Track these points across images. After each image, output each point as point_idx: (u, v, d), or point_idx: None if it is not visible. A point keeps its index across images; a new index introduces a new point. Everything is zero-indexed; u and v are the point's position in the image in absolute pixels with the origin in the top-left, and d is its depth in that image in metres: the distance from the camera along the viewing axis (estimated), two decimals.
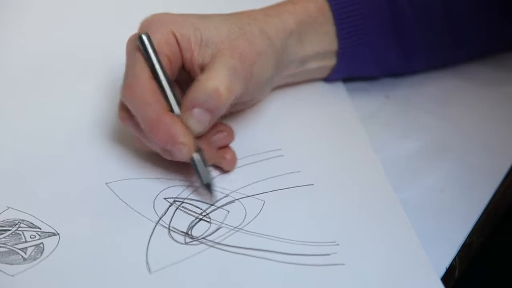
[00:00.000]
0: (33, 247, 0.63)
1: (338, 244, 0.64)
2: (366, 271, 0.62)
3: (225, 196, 0.67)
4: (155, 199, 0.67)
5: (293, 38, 0.73)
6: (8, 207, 0.66)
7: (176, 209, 0.66)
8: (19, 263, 0.62)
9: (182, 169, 0.69)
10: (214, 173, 0.69)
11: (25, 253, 0.62)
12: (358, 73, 0.79)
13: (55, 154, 0.71)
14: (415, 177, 0.71)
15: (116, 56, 0.73)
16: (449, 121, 0.77)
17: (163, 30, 0.67)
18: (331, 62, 0.77)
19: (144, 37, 0.65)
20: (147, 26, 0.67)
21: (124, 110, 0.67)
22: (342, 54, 0.76)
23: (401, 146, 0.74)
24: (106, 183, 0.68)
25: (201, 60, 0.67)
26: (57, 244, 0.63)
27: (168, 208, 0.66)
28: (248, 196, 0.68)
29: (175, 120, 0.65)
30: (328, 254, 0.63)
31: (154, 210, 0.66)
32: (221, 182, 0.68)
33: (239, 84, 0.66)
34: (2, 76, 0.79)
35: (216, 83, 0.65)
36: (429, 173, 0.71)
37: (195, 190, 0.68)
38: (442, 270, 0.63)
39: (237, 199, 0.67)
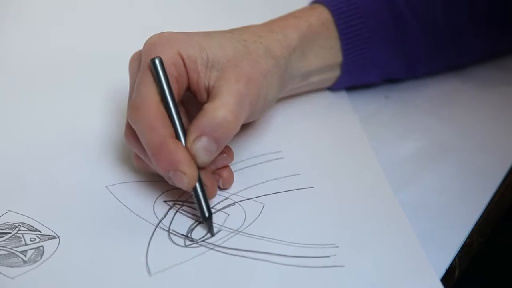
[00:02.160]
0: (33, 250, 0.63)
1: (337, 246, 0.64)
2: (366, 273, 0.62)
3: (224, 199, 0.67)
4: (155, 202, 0.67)
5: (296, 54, 0.73)
6: (8, 210, 0.66)
7: (176, 212, 0.66)
8: (19, 266, 0.62)
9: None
10: None
11: (25, 255, 0.62)
12: (360, 82, 0.80)
13: (55, 157, 0.71)
14: (415, 178, 0.71)
15: (118, 58, 0.73)
16: (448, 122, 0.77)
17: (170, 51, 0.65)
18: (334, 74, 0.77)
19: (157, 61, 0.64)
20: (153, 46, 0.66)
21: (130, 129, 0.65)
22: (346, 66, 0.77)
23: (400, 147, 0.74)
24: (106, 186, 0.68)
25: (207, 82, 0.66)
26: (57, 247, 0.63)
27: (168, 211, 0.66)
28: (248, 199, 0.68)
29: (180, 147, 0.63)
30: (328, 256, 0.63)
31: (154, 213, 0.66)
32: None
33: (246, 110, 0.66)
34: (3, 77, 0.80)
35: (224, 113, 0.64)
36: (429, 174, 0.71)
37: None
38: (442, 271, 0.63)
39: (237, 202, 0.67)
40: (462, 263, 0.64)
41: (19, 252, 0.62)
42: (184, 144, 0.64)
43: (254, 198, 0.68)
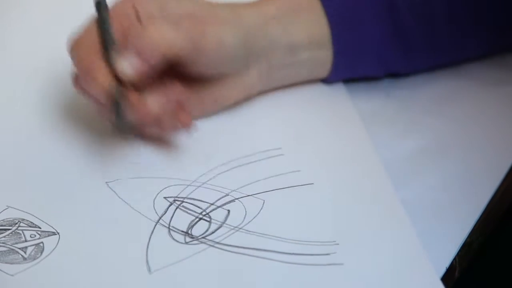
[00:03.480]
0: (33, 247, 0.63)
1: (338, 244, 0.64)
2: (366, 271, 0.62)
3: (225, 195, 0.67)
4: (155, 198, 0.67)
5: (274, 22, 0.72)
6: (8, 206, 0.66)
7: (176, 208, 0.66)
8: (19, 263, 0.62)
9: (182, 168, 0.69)
10: (216, 171, 0.69)
11: (25, 252, 0.62)
12: (358, 72, 0.78)
13: (55, 153, 0.71)
14: (415, 176, 0.71)
15: None
16: (449, 120, 0.77)
17: (127, 3, 0.68)
18: (325, 53, 0.75)
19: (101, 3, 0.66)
20: None
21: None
22: (336, 44, 0.74)
23: (401, 145, 0.74)
24: (106, 182, 0.68)
25: None
26: (57, 244, 0.63)
27: (168, 208, 0.66)
28: (248, 196, 0.68)
29: (97, 60, 0.65)
30: (328, 254, 0.63)
31: (154, 209, 0.66)
32: (221, 181, 0.68)
33: (176, 34, 0.66)
34: (2, 76, 0.79)
35: (150, 28, 0.65)
36: (429, 173, 0.71)
37: (195, 189, 0.68)
38: (442, 270, 0.63)
39: (237, 199, 0.67)
40: (462, 262, 0.64)
41: (19, 248, 0.63)
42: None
43: (254, 194, 0.68)
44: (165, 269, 0.62)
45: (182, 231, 0.65)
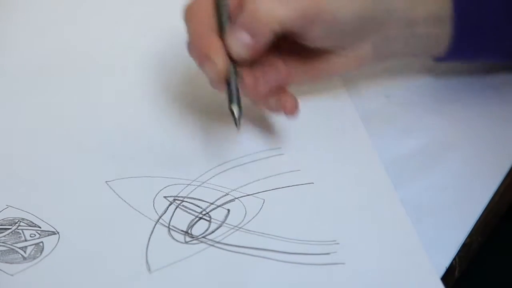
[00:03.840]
0: (33, 246, 0.63)
1: (338, 243, 0.64)
2: (366, 270, 0.62)
3: (225, 195, 0.67)
4: (155, 197, 0.67)
5: None
6: (8, 206, 0.66)
7: (176, 207, 0.66)
8: (18, 262, 0.62)
9: (182, 168, 0.69)
10: (216, 170, 0.69)
11: (24, 252, 0.62)
12: (475, 56, 0.75)
13: (55, 152, 0.71)
14: (415, 176, 0.71)
15: (117, 57, 0.73)
16: (449, 120, 0.77)
17: None
18: (443, 30, 0.72)
19: None
20: None
21: None
22: (456, 23, 0.71)
23: (401, 145, 0.74)
24: (106, 181, 0.68)
25: None
26: (57, 243, 0.63)
27: (168, 207, 0.66)
28: (248, 195, 0.68)
29: (213, 38, 0.65)
30: (328, 253, 0.63)
31: (154, 208, 0.66)
32: (221, 181, 0.68)
33: (287, 10, 0.65)
34: (2, 76, 0.79)
35: (257, 4, 0.65)
36: (429, 173, 0.71)
37: (195, 189, 0.68)
38: (442, 270, 0.63)
39: (237, 198, 0.67)
40: (462, 262, 0.64)
41: (19, 248, 0.62)
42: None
43: (254, 194, 0.68)
44: (164, 269, 0.62)
45: (182, 231, 0.64)
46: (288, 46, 0.69)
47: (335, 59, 0.71)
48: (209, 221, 0.65)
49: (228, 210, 0.66)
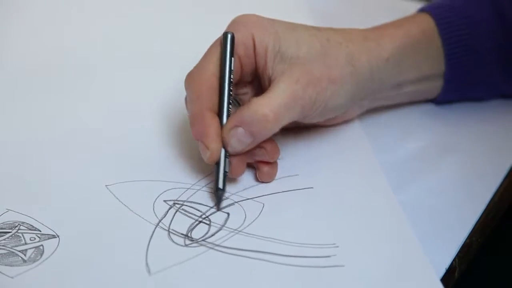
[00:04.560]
0: (33, 249, 0.63)
1: (337, 246, 0.64)
2: (366, 273, 0.62)
3: (224, 199, 0.67)
4: (154, 201, 0.67)
5: (390, 64, 0.72)
6: (8, 210, 0.66)
7: (176, 211, 0.66)
8: (19, 265, 0.61)
9: (182, 172, 0.69)
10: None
11: (25, 255, 0.62)
12: (467, 96, 0.78)
13: (55, 156, 0.71)
14: (415, 178, 0.71)
15: (117, 57, 0.73)
16: (448, 121, 0.77)
17: (244, 32, 0.67)
18: (433, 85, 0.76)
19: (229, 36, 0.67)
20: (233, 23, 0.68)
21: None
22: (450, 77, 0.75)
23: (401, 147, 0.74)
24: (106, 185, 0.68)
25: (271, 73, 0.67)
26: (57, 246, 0.63)
27: (167, 211, 0.66)
28: (248, 199, 0.68)
29: (213, 122, 0.66)
30: (328, 256, 0.63)
31: (154, 212, 0.66)
32: None
33: (293, 112, 0.66)
34: (2, 77, 0.79)
35: (265, 111, 0.65)
36: (429, 174, 0.71)
37: (195, 193, 0.68)
38: (442, 271, 0.63)
39: (236, 202, 0.67)
40: (462, 263, 0.64)
41: (19, 251, 0.62)
42: (222, 121, 0.66)
43: (254, 198, 0.68)
44: (164, 272, 0.62)
45: (182, 234, 0.64)
46: None
47: (322, 121, 0.72)
48: (209, 225, 0.65)
49: (228, 214, 0.66)
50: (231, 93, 0.67)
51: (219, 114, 0.66)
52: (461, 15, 0.75)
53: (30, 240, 0.63)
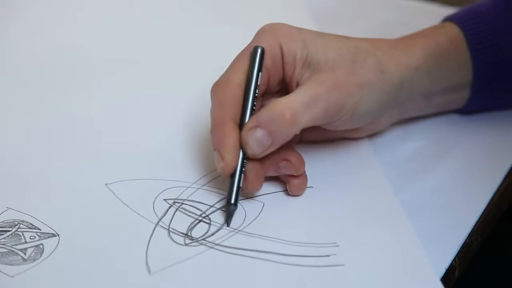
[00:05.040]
0: (33, 248, 0.63)
1: (338, 245, 0.64)
2: (366, 272, 0.62)
3: (224, 198, 0.67)
4: (154, 200, 0.67)
5: (419, 73, 0.71)
6: (8, 208, 0.66)
7: (176, 210, 0.66)
8: (18, 264, 0.61)
9: (182, 170, 0.69)
10: (215, 173, 0.69)
11: (24, 254, 0.62)
12: (492, 106, 0.77)
13: (55, 154, 0.71)
14: (415, 178, 0.71)
15: (116, 58, 0.73)
16: (448, 121, 0.77)
17: (272, 41, 0.66)
18: (461, 95, 0.75)
19: (259, 50, 0.66)
20: (260, 33, 0.67)
21: None
22: (476, 87, 0.74)
23: (401, 147, 0.74)
24: (106, 184, 0.68)
25: (299, 79, 0.67)
26: (57, 245, 0.63)
27: (168, 209, 0.66)
28: (248, 198, 0.68)
29: (233, 133, 0.64)
30: (328, 255, 0.63)
31: (154, 211, 0.66)
32: (220, 183, 0.68)
33: (311, 114, 0.65)
34: (2, 76, 0.80)
35: (283, 109, 0.64)
36: (429, 174, 0.71)
37: (195, 191, 0.68)
38: (441, 271, 0.63)
39: None
40: (462, 263, 0.64)
41: (19, 250, 0.62)
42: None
43: (254, 197, 0.68)
44: (164, 271, 0.62)
45: (182, 233, 0.64)
46: None
47: (349, 131, 0.72)
48: (209, 224, 0.65)
49: None
50: (254, 107, 0.66)
51: (240, 127, 0.66)
52: (485, 26, 0.74)
53: (30, 238, 0.63)
